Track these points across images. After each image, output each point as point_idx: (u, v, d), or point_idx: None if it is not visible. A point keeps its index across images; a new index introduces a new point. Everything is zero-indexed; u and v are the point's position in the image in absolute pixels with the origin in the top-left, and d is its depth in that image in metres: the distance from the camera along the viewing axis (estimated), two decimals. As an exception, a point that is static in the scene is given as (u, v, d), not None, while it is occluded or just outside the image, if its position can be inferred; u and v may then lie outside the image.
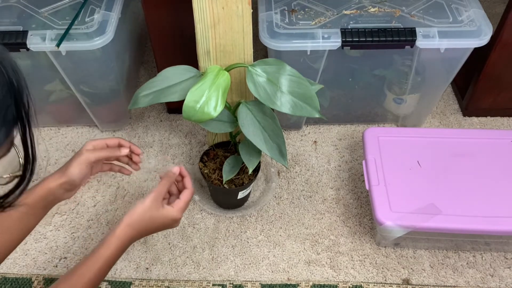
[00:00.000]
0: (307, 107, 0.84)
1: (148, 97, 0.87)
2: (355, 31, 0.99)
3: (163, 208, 0.80)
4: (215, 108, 0.82)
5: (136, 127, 1.29)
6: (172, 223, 0.82)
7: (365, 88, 1.18)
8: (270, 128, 0.88)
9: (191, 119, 0.83)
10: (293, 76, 0.84)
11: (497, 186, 0.97)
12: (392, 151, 1.03)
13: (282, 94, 0.84)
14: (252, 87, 0.84)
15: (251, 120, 0.88)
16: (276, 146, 0.88)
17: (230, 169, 0.99)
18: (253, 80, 0.84)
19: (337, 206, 1.11)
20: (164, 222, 0.81)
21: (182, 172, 0.86)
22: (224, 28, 0.88)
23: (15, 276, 1.01)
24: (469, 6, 1.06)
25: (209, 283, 0.99)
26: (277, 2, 1.07)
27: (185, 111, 0.82)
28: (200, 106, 0.82)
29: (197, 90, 0.82)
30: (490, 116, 1.29)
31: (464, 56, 1.05)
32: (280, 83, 0.84)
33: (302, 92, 0.84)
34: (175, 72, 0.88)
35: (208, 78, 0.83)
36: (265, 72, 0.84)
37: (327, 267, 1.01)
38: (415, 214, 0.93)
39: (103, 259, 0.74)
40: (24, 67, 1.08)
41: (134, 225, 0.78)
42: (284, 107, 0.83)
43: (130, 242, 0.78)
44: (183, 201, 0.83)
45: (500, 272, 1.00)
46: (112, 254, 0.75)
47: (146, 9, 1.06)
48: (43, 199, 0.81)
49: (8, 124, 0.47)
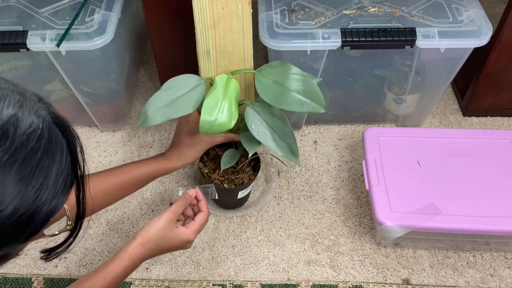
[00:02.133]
0: (313, 103, 0.85)
1: (159, 113, 0.85)
2: (355, 31, 0.99)
3: (177, 228, 0.80)
4: (231, 118, 0.84)
5: (136, 127, 1.29)
6: (185, 245, 0.81)
7: (365, 88, 1.18)
8: (279, 129, 0.89)
9: (208, 132, 0.83)
10: (298, 75, 0.86)
11: (497, 186, 0.97)
12: (392, 151, 1.03)
13: (289, 94, 0.85)
14: (261, 91, 0.86)
15: (259, 122, 0.89)
16: (286, 145, 0.89)
17: (228, 160, 1.00)
18: (261, 84, 0.86)
19: (337, 206, 1.11)
20: (176, 243, 0.80)
21: (197, 196, 0.86)
22: (224, 28, 0.88)
23: (15, 276, 1.01)
24: (469, 6, 1.06)
25: (209, 283, 0.99)
26: (277, 2, 1.07)
27: (202, 126, 0.82)
28: (216, 119, 0.82)
29: (210, 104, 0.82)
30: (490, 116, 1.29)
31: (464, 56, 1.05)
32: (286, 83, 0.85)
33: (308, 89, 0.85)
34: (178, 83, 0.87)
35: (219, 90, 0.84)
36: (271, 74, 0.86)
37: (327, 267, 1.01)
38: (415, 214, 0.93)
39: (112, 275, 0.74)
40: (24, 67, 1.08)
41: (147, 244, 0.77)
42: (292, 106, 0.85)
43: (141, 260, 0.78)
44: (197, 223, 0.82)
45: (500, 272, 1.00)
46: (122, 271, 0.75)
47: (146, 9, 1.06)
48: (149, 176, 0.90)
49: (68, 189, 0.47)
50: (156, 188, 1.15)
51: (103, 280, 0.73)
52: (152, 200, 1.13)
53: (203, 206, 0.85)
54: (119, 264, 0.74)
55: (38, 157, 0.42)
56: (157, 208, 1.11)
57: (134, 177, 0.89)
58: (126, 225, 1.09)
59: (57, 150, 0.45)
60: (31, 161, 0.42)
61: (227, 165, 0.99)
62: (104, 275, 0.73)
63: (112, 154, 1.23)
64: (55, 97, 1.16)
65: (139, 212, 1.11)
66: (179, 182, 1.16)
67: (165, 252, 0.81)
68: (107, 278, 0.73)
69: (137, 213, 1.11)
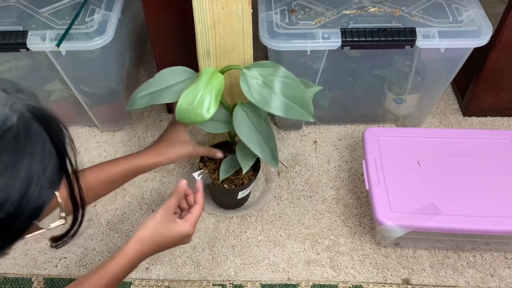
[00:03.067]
0: (301, 110, 0.83)
1: (145, 98, 0.87)
2: (355, 31, 0.99)
3: (175, 222, 0.79)
4: (208, 110, 0.82)
5: (136, 127, 1.29)
6: (184, 239, 0.81)
7: (365, 88, 1.18)
8: (264, 131, 0.87)
9: (184, 120, 0.83)
10: (288, 79, 0.83)
11: (497, 186, 0.97)
12: (392, 151, 1.03)
13: (276, 97, 0.83)
14: (246, 90, 0.83)
15: (246, 123, 0.87)
16: (269, 150, 0.88)
17: (228, 168, 0.99)
18: (247, 83, 0.83)
19: (337, 206, 1.11)
20: (175, 238, 0.79)
21: (197, 187, 0.86)
22: (224, 28, 0.88)
23: (15, 276, 1.01)
24: (469, 6, 1.06)
25: (209, 283, 0.99)
26: (277, 2, 1.07)
27: (178, 112, 0.82)
28: (193, 107, 0.82)
29: (191, 92, 0.82)
30: (490, 116, 1.29)
31: (464, 56, 1.05)
32: (274, 85, 0.83)
33: (297, 94, 0.83)
34: (172, 73, 0.88)
35: (202, 80, 0.83)
36: (260, 75, 0.84)
37: (327, 267, 1.01)
38: (415, 214, 0.92)
39: (111, 274, 0.73)
40: (24, 67, 1.08)
41: (146, 239, 0.76)
42: (278, 110, 0.82)
43: (141, 258, 0.77)
44: (194, 216, 0.81)
45: (500, 272, 1.00)
46: (121, 270, 0.74)
47: (146, 9, 1.06)
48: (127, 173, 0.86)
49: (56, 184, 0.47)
50: (156, 188, 1.15)
51: (102, 279, 0.72)
52: (152, 200, 1.13)
53: (199, 197, 0.85)
54: (118, 262, 0.74)
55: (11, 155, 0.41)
56: (157, 208, 1.11)
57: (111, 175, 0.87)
58: (126, 225, 1.09)
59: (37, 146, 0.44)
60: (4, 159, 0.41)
61: (227, 174, 0.98)
62: (103, 274, 0.73)
63: (112, 154, 1.22)
64: (55, 97, 1.16)
65: (139, 212, 1.11)
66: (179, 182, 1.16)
67: (165, 248, 0.80)
68: (106, 277, 0.72)
69: (137, 213, 1.11)
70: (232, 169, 0.99)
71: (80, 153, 1.23)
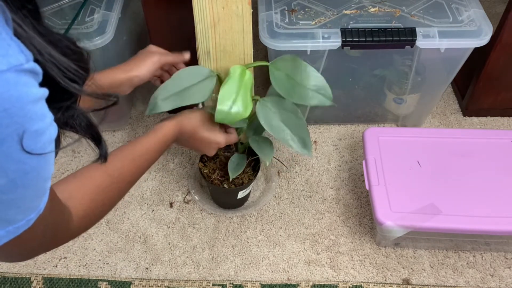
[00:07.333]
0: (320, 96, 0.86)
1: (169, 101, 0.85)
2: (355, 31, 0.99)
3: (217, 129, 0.87)
4: (246, 108, 0.84)
5: (136, 127, 1.29)
6: (213, 145, 0.87)
7: (365, 88, 1.18)
8: (291, 122, 0.88)
9: (224, 121, 0.84)
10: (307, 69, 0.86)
11: (497, 186, 0.97)
12: (392, 151, 1.03)
13: (300, 87, 0.86)
14: (276, 84, 0.86)
15: (272, 116, 0.88)
16: (298, 138, 0.88)
17: (235, 166, 0.99)
18: (275, 78, 0.86)
19: (337, 206, 1.11)
20: (210, 141, 0.86)
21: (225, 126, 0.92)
22: (224, 28, 0.88)
23: (14, 275, 1.01)
24: (469, 6, 1.06)
25: (209, 283, 0.99)
26: (277, 2, 1.07)
27: (219, 115, 0.82)
28: (232, 108, 0.83)
29: (226, 93, 0.83)
30: (490, 116, 1.29)
31: (464, 56, 1.05)
32: (297, 77, 0.86)
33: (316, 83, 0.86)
34: (189, 73, 0.87)
35: (234, 79, 0.84)
36: (284, 68, 0.87)
37: (327, 267, 1.01)
38: (415, 214, 0.92)
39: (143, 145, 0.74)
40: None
41: (186, 129, 0.82)
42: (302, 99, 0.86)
43: (173, 140, 0.80)
44: (231, 137, 0.90)
45: (500, 272, 1.00)
46: (153, 146, 0.75)
47: (146, 9, 1.06)
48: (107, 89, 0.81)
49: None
50: (156, 188, 1.15)
51: (133, 148, 0.72)
52: (152, 200, 1.13)
53: (233, 130, 0.92)
54: (152, 139, 0.76)
55: None
56: (157, 208, 1.11)
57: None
58: (126, 225, 1.09)
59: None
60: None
61: (236, 173, 0.98)
62: (135, 144, 0.73)
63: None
64: (55, 97, 1.16)
65: (139, 212, 1.11)
66: (179, 182, 1.16)
67: (194, 145, 0.86)
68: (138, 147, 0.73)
69: (137, 213, 1.11)
70: (240, 168, 0.99)
71: (80, 153, 1.23)
